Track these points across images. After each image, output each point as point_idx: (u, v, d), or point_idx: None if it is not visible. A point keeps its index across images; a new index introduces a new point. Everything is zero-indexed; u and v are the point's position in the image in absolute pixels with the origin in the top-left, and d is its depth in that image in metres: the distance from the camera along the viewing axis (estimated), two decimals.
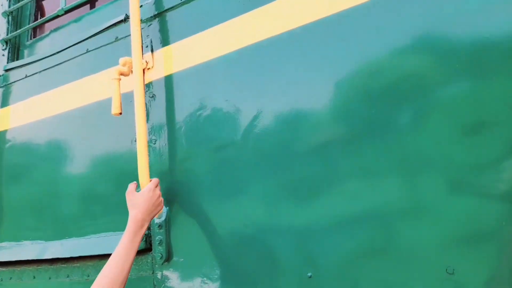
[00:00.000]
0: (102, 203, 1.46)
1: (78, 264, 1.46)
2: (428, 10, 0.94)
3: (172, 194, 1.29)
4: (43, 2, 2.02)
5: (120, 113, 1.33)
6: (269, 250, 1.08)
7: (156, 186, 1.19)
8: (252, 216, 1.13)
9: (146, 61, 1.38)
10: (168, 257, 1.25)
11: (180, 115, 1.33)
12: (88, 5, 1.80)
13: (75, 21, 1.77)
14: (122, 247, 1.05)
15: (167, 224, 1.27)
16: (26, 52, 1.92)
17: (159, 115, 1.36)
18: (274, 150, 1.13)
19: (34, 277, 1.57)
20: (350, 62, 1.03)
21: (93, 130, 1.55)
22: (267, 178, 1.12)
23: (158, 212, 1.19)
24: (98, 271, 1.39)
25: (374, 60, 1.00)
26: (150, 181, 1.22)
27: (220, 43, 1.27)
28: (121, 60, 1.38)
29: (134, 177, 1.38)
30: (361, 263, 0.96)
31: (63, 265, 1.50)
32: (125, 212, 1.38)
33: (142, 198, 1.14)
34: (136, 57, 1.32)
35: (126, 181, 1.39)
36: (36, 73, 1.75)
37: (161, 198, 1.20)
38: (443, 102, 0.91)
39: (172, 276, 1.23)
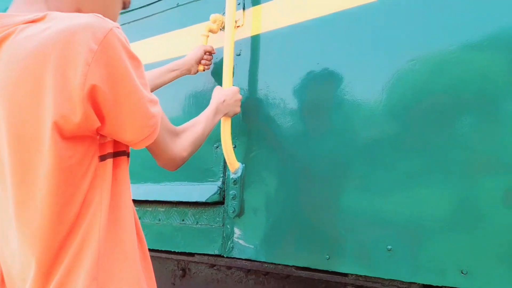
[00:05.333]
0: None
1: (150, 209, 1.55)
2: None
3: (250, 154, 1.31)
4: None
5: (208, 69, 1.37)
6: (346, 216, 1.08)
7: (239, 91, 1.31)
8: (328, 183, 1.13)
9: (237, 18, 1.39)
10: (240, 212, 1.29)
11: (264, 76, 1.34)
12: None
13: None
14: (206, 119, 1.12)
15: (242, 181, 1.30)
16: None
17: (244, 74, 1.38)
18: (354, 123, 1.11)
19: None
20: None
21: (174, 84, 1.60)
22: (347, 148, 1.11)
23: (234, 113, 1.28)
24: (168, 217, 1.49)
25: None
26: None
27: (311, 6, 1.25)
28: (212, 16, 1.41)
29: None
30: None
31: (135, 207, 1.59)
32: (200, 165, 1.45)
33: (230, 91, 1.27)
34: (230, 13, 1.33)
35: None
36: (125, 23, 1.83)
37: (240, 103, 1.29)
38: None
39: (242, 230, 1.27)
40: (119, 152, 0.79)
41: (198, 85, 1.52)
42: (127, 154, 0.81)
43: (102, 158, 0.74)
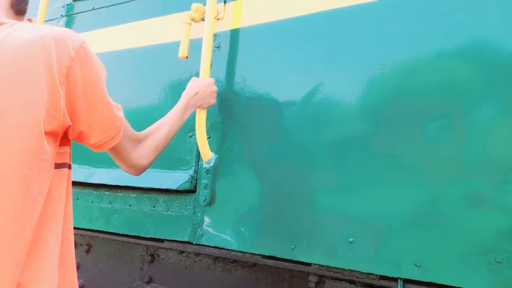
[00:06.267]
0: None
1: (121, 194, 1.55)
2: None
3: (223, 145, 1.34)
4: None
5: (187, 57, 1.37)
6: (312, 209, 1.13)
7: (214, 83, 1.31)
8: (297, 177, 1.17)
9: (218, 11, 1.40)
10: (211, 201, 1.31)
11: (242, 70, 1.36)
12: None
13: None
14: (173, 118, 1.13)
15: (215, 171, 1.33)
16: None
17: (221, 66, 1.40)
18: (326, 121, 1.16)
19: (77, 199, 1.67)
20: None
21: (151, 72, 1.60)
22: (317, 145, 1.16)
23: (209, 104, 1.29)
24: (140, 203, 1.50)
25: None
26: None
27: (292, 5, 1.28)
28: (194, 6, 1.41)
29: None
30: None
31: (106, 192, 1.59)
32: (174, 154, 1.46)
33: (204, 82, 1.27)
34: (211, 5, 1.34)
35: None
36: (103, 7, 1.80)
37: (216, 94, 1.31)
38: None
39: (212, 219, 1.30)
40: (70, 165, 0.83)
41: (175, 75, 1.52)
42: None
43: (58, 166, 0.78)
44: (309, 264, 1.11)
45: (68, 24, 1.94)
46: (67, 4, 1.95)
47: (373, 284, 1.00)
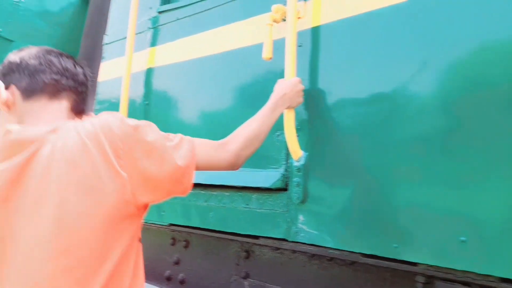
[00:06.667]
0: None
1: (215, 192, 1.63)
2: None
3: (312, 143, 1.34)
4: None
5: (271, 58, 1.39)
6: (415, 206, 1.08)
7: (300, 82, 1.31)
8: (397, 171, 1.13)
9: (298, 10, 1.40)
10: (303, 199, 1.32)
11: (326, 67, 1.34)
12: None
13: None
14: (262, 116, 1.17)
15: (305, 169, 1.33)
16: None
17: (305, 65, 1.39)
18: (428, 114, 1.08)
19: (175, 198, 1.79)
20: None
21: (235, 75, 1.65)
22: (416, 140, 1.10)
23: (297, 103, 1.30)
24: (233, 201, 1.56)
25: None
26: None
27: None
28: (274, 7, 1.42)
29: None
30: None
31: (201, 191, 1.69)
32: (262, 153, 1.49)
33: (290, 83, 1.28)
34: (292, 4, 1.34)
35: None
36: (187, 16, 1.89)
37: (303, 93, 1.31)
38: None
39: (306, 216, 1.31)
40: (140, 238, 0.89)
41: (260, 76, 1.55)
42: None
43: (140, 239, 0.86)
44: (414, 264, 1.06)
45: (155, 35, 2.07)
46: (153, 17, 2.09)
47: (491, 287, 0.93)
